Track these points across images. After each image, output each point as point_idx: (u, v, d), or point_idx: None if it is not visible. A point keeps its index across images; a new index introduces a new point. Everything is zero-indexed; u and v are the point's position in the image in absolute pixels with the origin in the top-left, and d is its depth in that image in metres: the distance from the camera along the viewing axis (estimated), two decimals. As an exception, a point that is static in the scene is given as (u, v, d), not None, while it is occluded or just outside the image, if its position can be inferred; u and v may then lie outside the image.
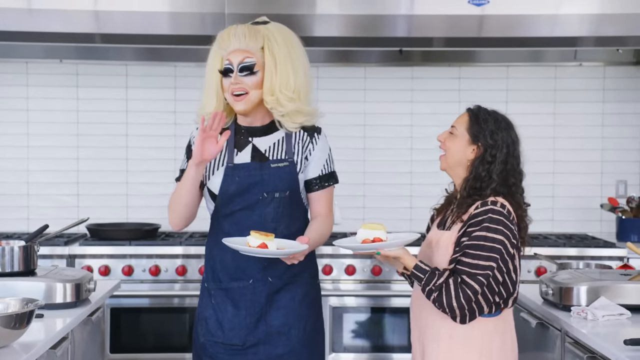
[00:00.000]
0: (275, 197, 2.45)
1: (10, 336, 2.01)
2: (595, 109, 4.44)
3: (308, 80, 2.53)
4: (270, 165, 2.46)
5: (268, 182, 2.45)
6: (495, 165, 2.34)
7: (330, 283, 3.86)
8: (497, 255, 2.25)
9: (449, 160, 2.41)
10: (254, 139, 2.50)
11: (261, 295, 2.46)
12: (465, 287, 2.24)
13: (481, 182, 2.34)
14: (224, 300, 2.48)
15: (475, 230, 2.27)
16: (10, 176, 4.36)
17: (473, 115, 2.40)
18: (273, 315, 2.47)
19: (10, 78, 4.36)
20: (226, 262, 2.48)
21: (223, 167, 2.47)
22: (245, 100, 2.43)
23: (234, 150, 2.49)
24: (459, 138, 2.39)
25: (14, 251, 2.60)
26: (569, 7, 3.78)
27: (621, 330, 2.32)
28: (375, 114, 4.45)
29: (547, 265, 3.78)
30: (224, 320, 2.47)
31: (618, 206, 4.22)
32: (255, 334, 2.46)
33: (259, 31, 2.46)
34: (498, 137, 2.36)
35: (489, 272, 2.24)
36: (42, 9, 3.73)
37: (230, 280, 2.48)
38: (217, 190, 2.46)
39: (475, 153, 2.37)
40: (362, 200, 4.46)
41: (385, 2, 3.76)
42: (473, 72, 4.44)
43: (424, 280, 2.27)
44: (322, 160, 2.54)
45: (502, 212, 2.29)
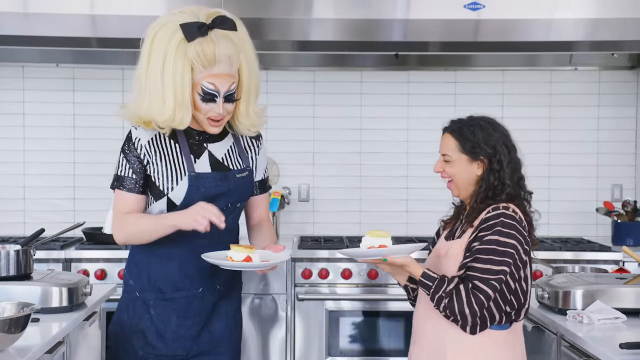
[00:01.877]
0: (237, 207, 2.41)
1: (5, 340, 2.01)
2: (591, 113, 4.45)
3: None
4: (235, 175, 2.38)
5: (234, 193, 2.38)
6: (504, 171, 2.30)
7: (326, 287, 3.86)
8: (509, 259, 2.20)
9: (459, 185, 2.34)
10: (208, 144, 2.40)
11: (208, 303, 2.40)
12: (478, 292, 2.18)
13: (494, 190, 2.29)
14: (166, 312, 2.37)
15: (487, 235, 2.21)
16: (6, 180, 4.36)
17: (457, 134, 2.33)
18: (215, 321, 2.43)
19: (7, 82, 4.36)
20: (170, 271, 2.37)
21: (186, 176, 2.33)
22: (220, 124, 2.35)
23: (191, 157, 2.36)
24: (457, 162, 2.33)
25: (10, 255, 2.59)
26: (565, 12, 3.79)
27: (617, 334, 2.32)
28: (372, 118, 4.45)
29: (542, 269, 3.78)
30: (166, 331, 2.38)
31: (613, 210, 4.23)
32: (199, 343, 2.40)
33: (236, 46, 2.29)
34: (493, 142, 2.32)
35: (501, 276, 2.19)
36: (38, 13, 3.73)
37: (174, 291, 2.37)
38: (179, 200, 2.33)
39: (482, 167, 2.32)
40: (359, 204, 4.47)
41: (381, 7, 3.77)
42: (469, 76, 4.45)
43: (433, 288, 2.20)
44: (263, 165, 2.52)
45: (514, 217, 2.24)
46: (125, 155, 2.37)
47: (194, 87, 2.27)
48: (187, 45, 2.24)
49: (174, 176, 2.34)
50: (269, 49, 3.98)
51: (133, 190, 2.37)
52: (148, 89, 2.29)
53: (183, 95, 2.26)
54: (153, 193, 2.37)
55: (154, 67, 2.27)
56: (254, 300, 3.83)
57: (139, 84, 2.32)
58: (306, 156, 4.46)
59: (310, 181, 4.47)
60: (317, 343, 3.85)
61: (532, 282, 2.31)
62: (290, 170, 4.44)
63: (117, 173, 2.39)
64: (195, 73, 2.26)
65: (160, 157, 2.35)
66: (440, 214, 2.52)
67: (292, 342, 3.85)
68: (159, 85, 2.26)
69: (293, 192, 4.43)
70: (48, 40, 3.78)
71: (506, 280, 2.20)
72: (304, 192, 4.45)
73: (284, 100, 4.45)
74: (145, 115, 2.31)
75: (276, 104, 4.44)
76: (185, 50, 2.24)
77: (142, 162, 2.36)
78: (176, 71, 2.24)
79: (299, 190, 4.46)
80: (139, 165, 2.36)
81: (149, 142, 2.36)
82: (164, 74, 2.26)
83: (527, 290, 2.27)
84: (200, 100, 2.29)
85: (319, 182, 4.47)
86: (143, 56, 2.32)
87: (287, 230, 4.40)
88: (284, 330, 3.84)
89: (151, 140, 2.37)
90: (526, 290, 2.27)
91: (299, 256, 3.85)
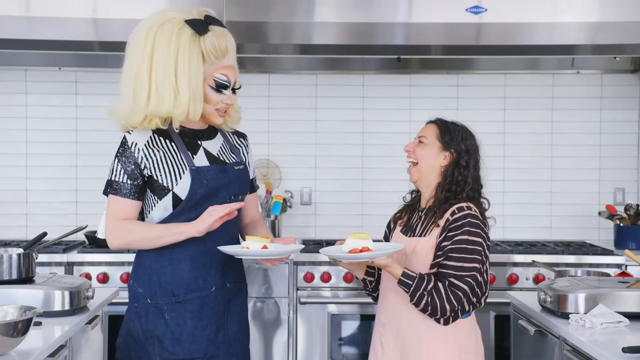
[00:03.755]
0: (239, 200, 2.46)
1: (8, 344, 2.01)
2: (593, 117, 4.45)
3: None
4: (233, 167, 2.44)
5: (234, 185, 2.43)
6: (469, 170, 2.47)
7: (328, 290, 3.86)
8: (478, 256, 2.36)
9: (422, 168, 2.50)
10: (202, 142, 2.45)
11: (221, 302, 2.41)
12: (455, 289, 2.34)
13: (457, 185, 2.45)
14: (181, 315, 2.36)
15: (457, 234, 2.36)
16: (8, 184, 4.36)
17: (441, 124, 2.52)
18: (229, 322, 2.43)
19: (9, 85, 4.37)
20: (181, 273, 2.36)
21: (187, 170, 2.35)
22: (226, 115, 2.46)
23: (189, 153, 2.39)
24: (429, 146, 2.50)
25: (12, 259, 2.59)
26: (567, 15, 3.79)
27: (619, 338, 2.32)
28: (374, 122, 4.46)
29: (545, 273, 3.78)
30: (182, 335, 2.35)
31: (616, 213, 4.22)
32: (215, 343, 2.40)
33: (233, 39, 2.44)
34: (468, 144, 2.49)
35: (474, 273, 2.36)
36: (41, 17, 3.73)
37: (187, 292, 2.36)
38: (184, 194, 2.34)
39: (448, 159, 2.48)
40: (361, 208, 4.47)
41: (383, 10, 3.77)
42: (471, 79, 4.45)
43: (413, 286, 2.34)
44: (252, 164, 2.60)
45: (477, 217, 2.41)
46: (120, 161, 2.37)
47: (205, 80, 2.36)
48: (199, 39, 2.32)
49: (176, 171, 2.35)
50: (271, 52, 3.99)
51: (128, 196, 2.36)
52: (156, 86, 2.32)
53: (197, 87, 2.33)
54: (156, 193, 2.36)
55: (163, 63, 2.31)
56: (257, 303, 3.83)
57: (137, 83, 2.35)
58: (308, 159, 4.46)
59: (312, 184, 4.47)
60: (319, 346, 3.85)
61: (489, 273, 2.48)
62: (292, 174, 4.44)
63: (110, 178, 2.39)
64: (206, 65, 2.34)
65: (159, 156, 2.37)
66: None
67: (294, 345, 3.85)
68: (172, 80, 2.31)
69: (295, 195, 4.44)
70: (50, 44, 3.79)
71: (476, 275, 2.36)
72: (306, 195, 4.46)
73: (286, 103, 4.46)
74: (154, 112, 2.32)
75: (278, 108, 4.44)
76: (199, 44, 2.32)
77: (139, 166, 2.36)
78: (191, 64, 2.31)
79: (301, 194, 4.46)
80: (135, 170, 2.35)
81: (146, 144, 2.38)
82: (177, 68, 2.30)
83: (487, 280, 2.44)
84: (212, 91, 2.37)
85: (321, 186, 4.47)
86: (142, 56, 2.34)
87: (289, 234, 4.40)
88: (286, 333, 3.84)
89: (147, 143, 2.38)
90: (487, 280, 2.44)
91: (301, 260, 3.85)
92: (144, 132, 2.39)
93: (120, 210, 2.36)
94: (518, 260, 3.82)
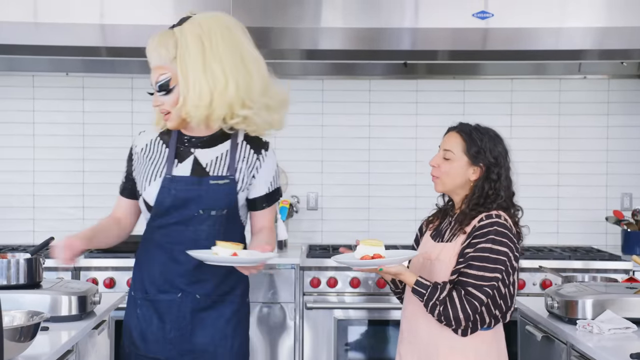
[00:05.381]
0: (212, 215, 2.37)
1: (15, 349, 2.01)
2: (600, 122, 4.44)
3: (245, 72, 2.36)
4: (209, 181, 2.37)
5: (205, 199, 2.36)
6: (500, 183, 2.35)
7: (334, 296, 3.85)
8: (502, 266, 2.27)
9: (447, 185, 2.40)
10: (196, 150, 2.42)
11: (186, 310, 2.40)
12: (471, 298, 2.26)
13: (486, 198, 2.35)
14: (149, 312, 2.42)
15: (481, 242, 2.28)
16: (16, 189, 4.38)
17: (466, 136, 2.38)
18: (198, 333, 2.41)
19: (17, 91, 4.38)
20: (154, 272, 2.41)
21: (161, 178, 2.38)
22: (170, 118, 2.38)
23: (174, 161, 2.40)
24: (456, 162, 2.38)
25: (20, 264, 2.60)
26: (574, 20, 3.78)
27: (627, 344, 2.30)
28: (380, 127, 4.45)
29: (552, 278, 3.77)
30: (147, 332, 2.42)
31: (623, 219, 4.21)
32: (179, 350, 2.41)
33: (170, 37, 2.34)
34: (497, 154, 2.37)
35: (494, 283, 2.27)
36: (48, 23, 3.75)
37: (157, 292, 2.41)
38: (152, 201, 2.38)
39: (478, 174, 2.37)
40: (367, 213, 4.46)
41: (389, 15, 3.77)
42: (477, 84, 4.44)
43: (427, 295, 2.27)
44: (269, 179, 2.46)
45: (506, 226, 2.31)
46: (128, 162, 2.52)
47: None
48: None
49: (150, 177, 2.40)
50: (277, 57, 3.99)
51: (121, 193, 2.52)
52: None
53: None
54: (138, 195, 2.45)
55: None
56: (262, 308, 3.83)
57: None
58: (315, 165, 4.46)
59: (318, 190, 4.47)
60: (326, 352, 3.84)
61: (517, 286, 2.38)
62: (299, 179, 4.44)
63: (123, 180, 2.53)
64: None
65: (145, 159, 2.43)
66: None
67: (300, 351, 3.84)
68: None
69: (302, 200, 4.44)
70: (58, 50, 3.80)
71: (498, 286, 2.28)
72: (312, 200, 4.45)
73: (292, 108, 4.41)
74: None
75: (285, 113, 4.44)
76: None
77: (131, 167, 2.48)
78: None
79: (308, 199, 4.46)
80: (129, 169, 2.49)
81: (144, 147, 2.47)
82: None
83: (514, 294, 2.35)
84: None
85: (327, 191, 4.47)
86: None
87: (296, 239, 4.40)
88: (293, 339, 3.84)
89: (146, 145, 2.47)
90: (513, 294, 2.35)
91: (308, 265, 3.85)
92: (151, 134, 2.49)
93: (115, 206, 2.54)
94: (525, 266, 3.81)
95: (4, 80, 4.38)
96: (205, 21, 2.36)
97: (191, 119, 2.35)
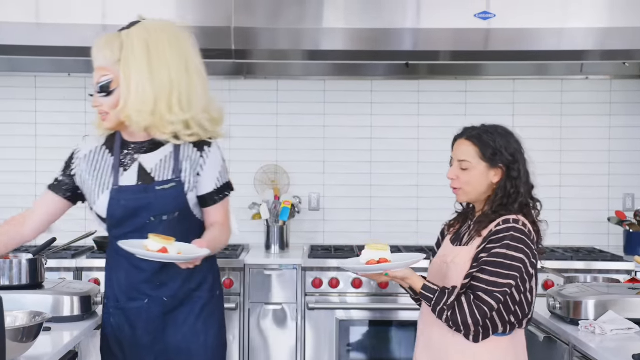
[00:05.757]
0: (164, 220, 2.36)
1: (18, 349, 2.01)
2: (602, 122, 4.43)
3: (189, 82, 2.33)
4: (155, 187, 2.35)
5: (154, 206, 2.35)
6: (520, 179, 2.29)
7: (336, 296, 3.85)
8: (516, 273, 2.20)
9: (471, 194, 2.32)
10: (140, 156, 2.40)
11: (155, 314, 2.41)
12: (481, 303, 2.19)
13: (509, 198, 2.28)
14: (121, 320, 2.44)
15: (496, 247, 2.21)
16: (18, 189, 4.38)
17: (477, 140, 2.31)
18: (170, 333, 2.42)
19: (19, 92, 4.39)
20: (121, 281, 2.43)
21: (108, 190, 2.37)
22: (107, 120, 2.38)
23: (120, 170, 2.39)
24: (475, 169, 2.30)
25: (22, 264, 2.60)
26: (576, 21, 3.78)
27: (630, 345, 2.30)
28: (382, 127, 4.45)
29: (554, 279, 3.76)
30: (123, 340, 2.44)
31: (625, 219, 4.21)
32: (154, 352, 2.42)
33: (117, 40, 2.33)
34: (513, 150, 2.31)
35: (506, 289, 2.20)
36: (50, 24, 3.75)
37: (127, 300, 2.43)
38: (104, 214, 2.39)
39: (500, 175, 2.30)
40: (369, 214, 4.46)
41: (391, 16, 3.77)
42: (479, 85, 4.44)
43: (434, 300, 2.22)
44: (215, 174, 2.42)
45: (523, 231, 2.23)
46: (65, 165, 2.52)
47: None
48: None
49: (98, 190, 2.40)
50: (279, 58, 4.00)
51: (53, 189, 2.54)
52: None
53: None
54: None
55: None
56: (264, 309, 3.83)
57: None
58: (317, 165, 4.46)
59: (320, 190, 4.47)
60: (327, 353, 3.84)
61: (536, 293, 2.31)
62: (301, 180, 4.44)
63: (55, 177, 2.54)
64: None
65: (91, 171, 2.43)
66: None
67: (302, 351, 3.84)
68: None
69: (303, 201, 4.43)
70: (60, 50, 3.81)
71: (511, 292, 2.22)
72: (314, 201, 4.45)
73: (294, 109, 4.46)
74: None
75: (287, 113, 4.45)
76: None
77: (70, 169, 2.48)
78: None
79: (309, 199, 4.46)
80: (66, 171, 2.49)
81: (87, 154, 2.46)
82: None
83: (531, 301, 2.29)
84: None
85: (329, 191, 4.46)
86: None
87: (298, 240, 4.40)
88: (294, 339, 3.84)
89: (90, 152, 2.46)
90: (531, 301, 2.29)
91: (310, 265, 3.85)
92: (96, 140, 2.48)
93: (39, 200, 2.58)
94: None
95: (6, 81, 4.39)
96: (153, 27, 2.36)
97: (131, 123, 2.33)
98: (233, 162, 4.47)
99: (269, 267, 3.85)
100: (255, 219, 4.30)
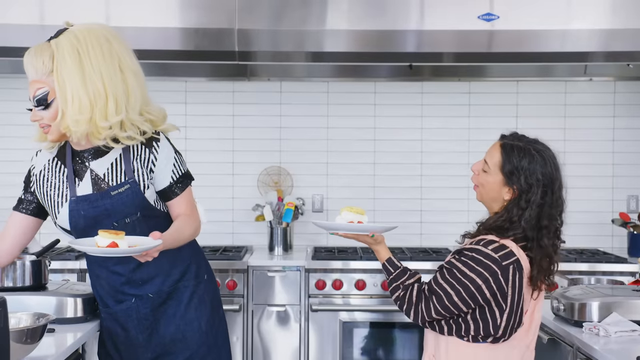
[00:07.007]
0: (128, 222, 2.35)
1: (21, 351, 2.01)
2: (606, 124, 4.43)
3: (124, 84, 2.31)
4: (110, 193, 2.33)
5: (114, 211, 2.34)
6: (529, 211, 2.21)
7: (340, 298, 3.85)
8: (461, 289, 2.17)
9: (483, 196, 2.30)
10: (90, 163, 2.38)
11: (146, 310, 2.43)
12: (423, 297, 2.23)
13: (510, 223, 2.21)
14: (113, 324, 2.47)
15: (454, 259, 2.23)
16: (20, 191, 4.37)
17: (505, 152, 2.23)
18: (163, 326, 2.45)
19: (23, 94, 4.37)
20: (104, 287, 2.46)
21: (67, 202, 2.37)
22: (50, 132, 2.35)
23: (75, 180, 2.38)
24: (492, 177, 2.25)
25: (25, 266, 2.60)
26: (579, 23, 3.78)
27: (634, 347, 2.30)
28: (385, 129, 4.45)
29: (558, 281, 3.75)
30: (117, 342, 2.47)
31: (629, 221, 4.20)
32: (151, 348, 2.44)
33: (46, 50, 2.30)
34: (533, 180, 2.21)
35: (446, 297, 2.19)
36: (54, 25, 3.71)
37: (115, 303, 2.45)
38: (67, 226, 2.38)
39: (511, 195, 2.23)
40: (372, 215, 4.46)
41: (395, 18, 3.77)
42: (483, 86, 4.44)
43: (393, 275, 2.30)
44: (169, 167, 2.39)
45: (490, 256, 2.17)
46: (25, 181, 2.52)
47: None
48: None
49: (57, 204, 2.39)
50: (282, 60, 4.00)
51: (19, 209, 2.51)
52: None
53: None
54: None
55: None
56: (267, 310, 3.83)
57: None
58: (320, 167, 4.46)
59: (324, 192, 4.47)
60: (331, 354, 3.84)
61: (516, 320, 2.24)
62: (304, 181, 4.44)
63: (19, 197, 2.53)
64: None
65: (47, 186, 2.42)
66: (455, 225, 2.53)
67: (305, 353, 3.84)
68: None
69: (307, 202, 4.44)
70: (64, 52, 3.81)
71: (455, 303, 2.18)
72: (317, 202, 4.45)
73: (297, 111, 4.46)
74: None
75: (290, 115, 4.45)
76: None
77: (29, 186, 2.49)
78: None
79: (313, 201, 4.46)
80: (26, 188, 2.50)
81: (42, 169, 2.46)
82: None
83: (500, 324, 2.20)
84: None
85: (332, 193, 4.47)
86: None
87: (301, 241, 4.40)
88: (298, 341, 3.84)
89: (44, 167, 2.46)
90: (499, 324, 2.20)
91: (313, 267, 3.85)
92: (48, 154, 2.47)
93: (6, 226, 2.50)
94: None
95: (10, 83, 4.40)
96: (82, 33, 2.32)
97: (71, 133, 2.30)
98: (236, 163, 4.48)
99: (273, 268, 3.85)
100: (259, 220, 4.30)
